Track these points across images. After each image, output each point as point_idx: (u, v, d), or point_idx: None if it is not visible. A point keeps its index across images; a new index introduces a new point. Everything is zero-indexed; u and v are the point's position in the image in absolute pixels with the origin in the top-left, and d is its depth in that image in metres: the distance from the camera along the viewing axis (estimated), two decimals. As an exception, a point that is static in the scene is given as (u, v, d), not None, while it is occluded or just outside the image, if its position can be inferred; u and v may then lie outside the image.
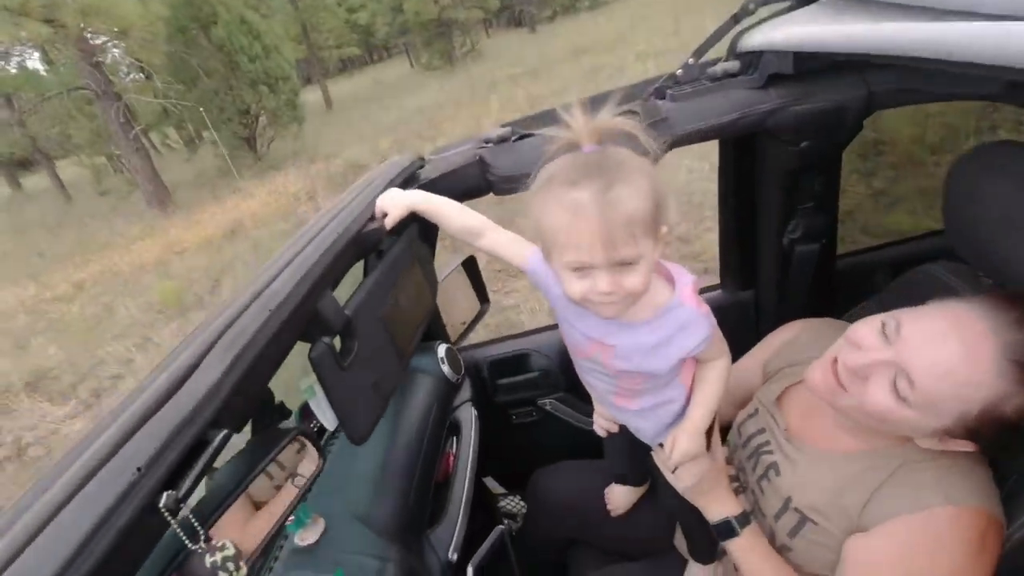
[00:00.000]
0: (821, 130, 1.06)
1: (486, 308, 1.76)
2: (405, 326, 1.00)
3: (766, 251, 1.39)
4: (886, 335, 0.75)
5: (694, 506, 1.00)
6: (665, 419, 0.92)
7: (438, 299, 1.25)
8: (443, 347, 1.48)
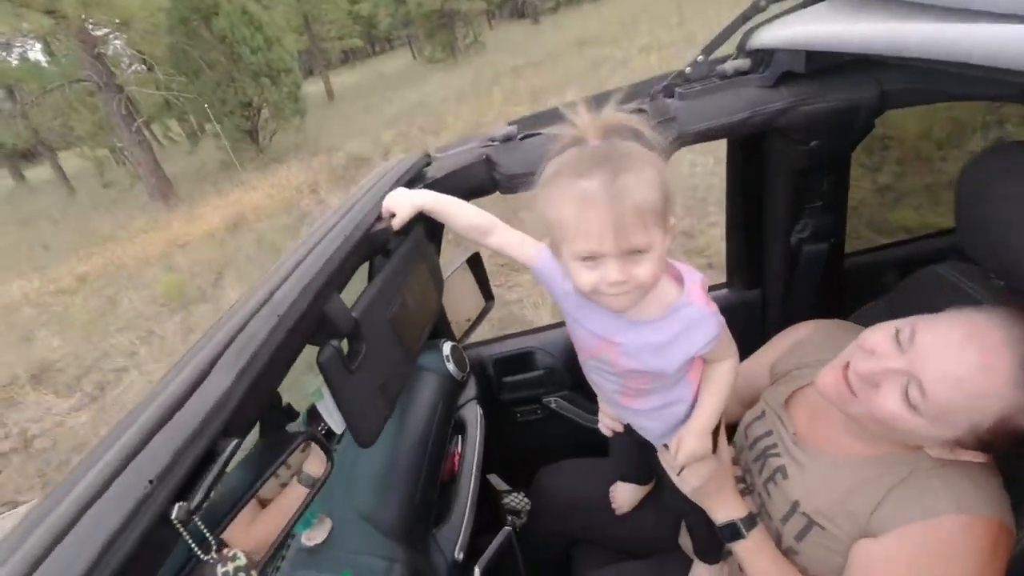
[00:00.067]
0: (832, 129, 1.05)
1: (490, 305, 1.76)
2: (412, 326, 1.00)
3: (774, 250, 1.38)
4: (899, 342, 0.75)
5: (700, 506, 1.00)
6: (672, 420, 0.92)
7: (442, 297, 1.24)
8: (448, 345, 1.48)
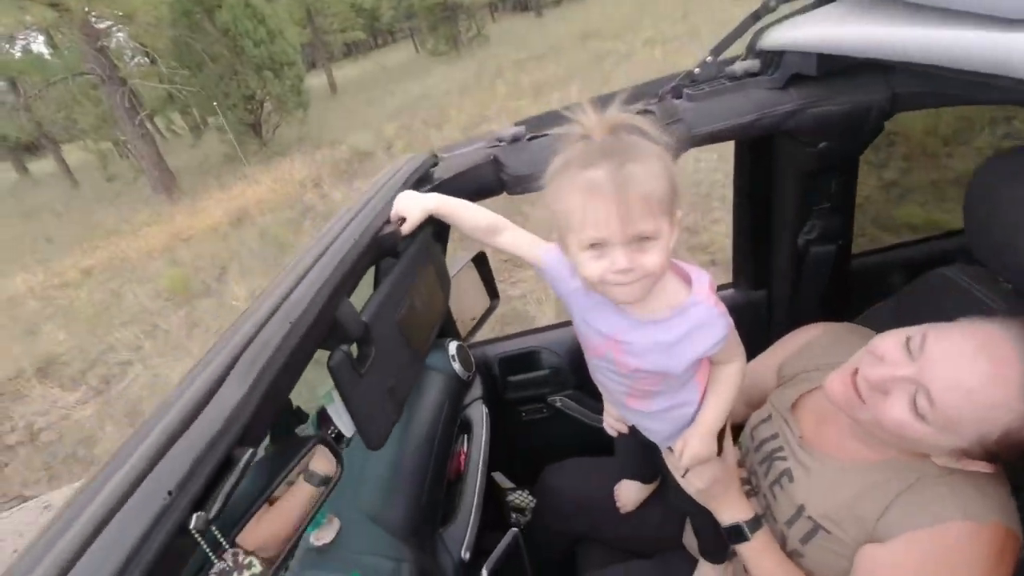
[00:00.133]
0: (842, 132, 1.04)
1: (496, 304, 1.76)
2: (420, 328, 1.00)
3: (781, 251, 1.37)
4: (910, 350, 0.74)
5: (706, 507, 1.01)
6: (679, 422, 0.92)
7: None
8: (454, 344, 1.48)
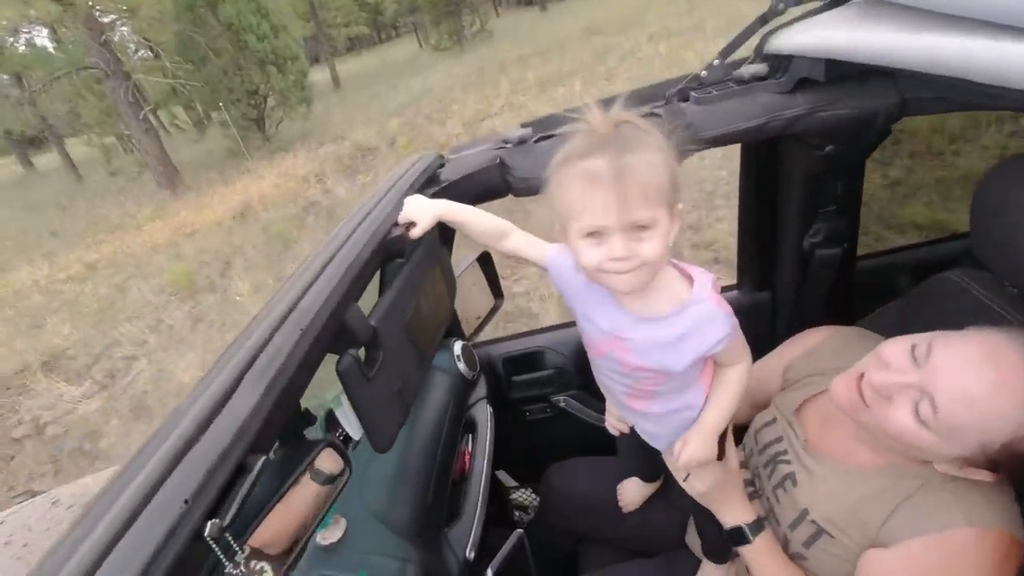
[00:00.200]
0: (849, 136, 1.04)
1: (500, 303, 1.76)
2: (426, 330, 1.01)
3: (786, 253, 1.37)
4: (915, 358, 0.75)
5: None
6: (681, 427, 0.92)
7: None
8: (459, 344, 1.49)
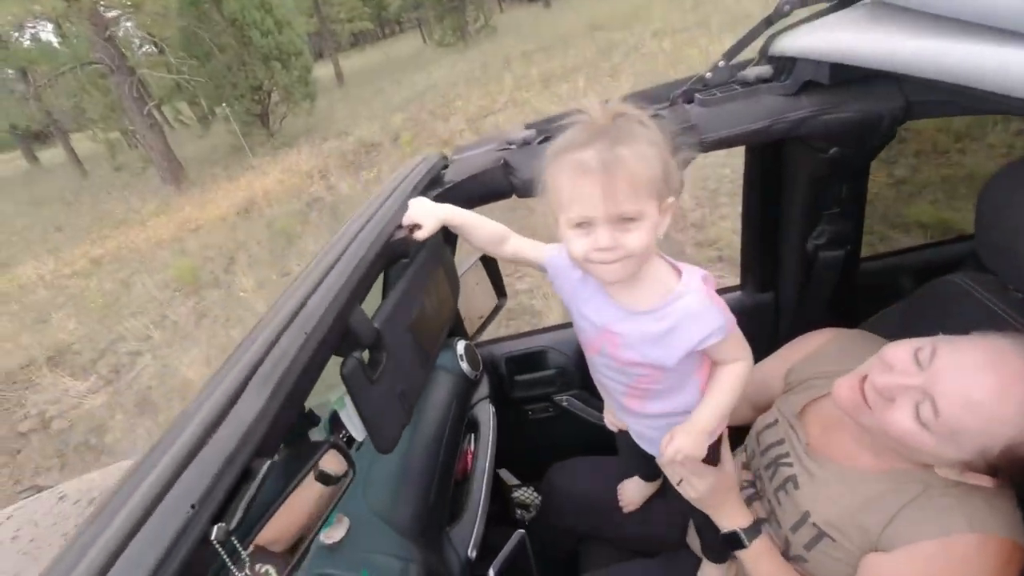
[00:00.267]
0: (853, 138, 1.03)
1: (503, 303, 1.77)
2: (430, 331, 1.01)
3: (789, 255, 1.37)
4: (919, 360, 0.75)
5: None
6: None
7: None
8: (462, 344, 1.49)
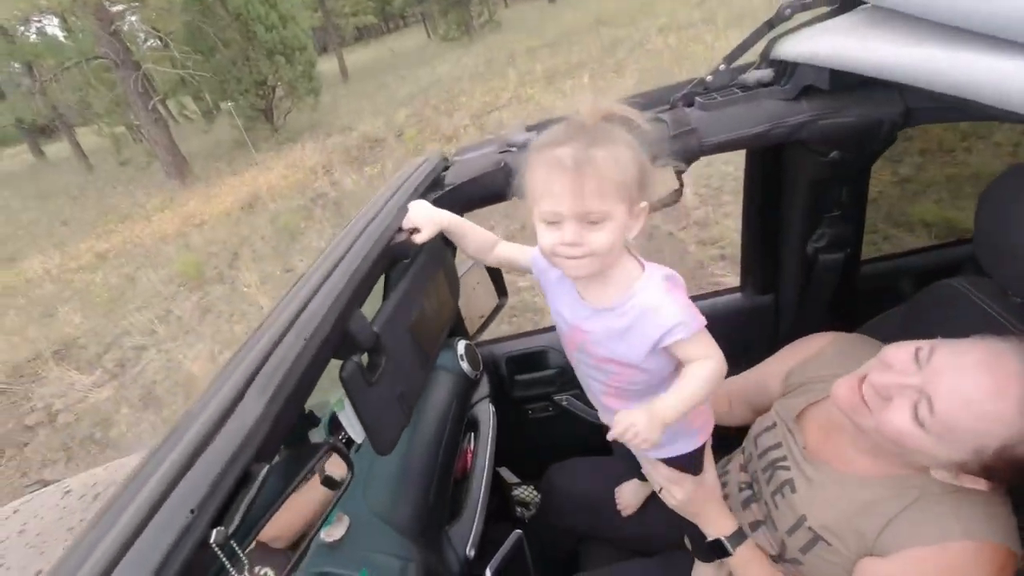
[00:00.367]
0: (854, 143, 1.04)
1: (504, 302, 1.77)
2: (430, 333, 1.02)
3: (789, 258, 1.37)
4: (918, 360, 0.76)
5: None
6: None
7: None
8: (462, 343, 1.50)
